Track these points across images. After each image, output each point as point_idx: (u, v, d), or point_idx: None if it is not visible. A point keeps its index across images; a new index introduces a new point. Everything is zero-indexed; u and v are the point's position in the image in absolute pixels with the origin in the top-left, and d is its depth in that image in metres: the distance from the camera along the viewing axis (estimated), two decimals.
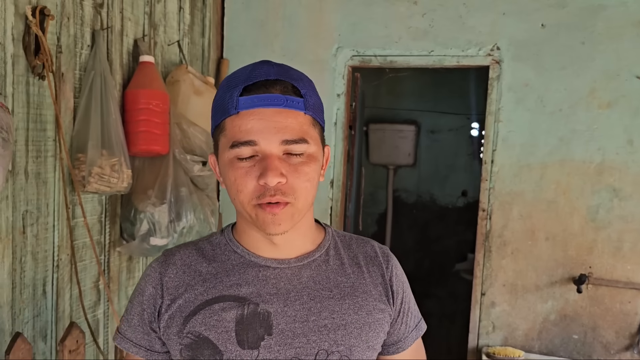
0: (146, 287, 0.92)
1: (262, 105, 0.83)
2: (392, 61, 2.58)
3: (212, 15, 2.66)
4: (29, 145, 1.58)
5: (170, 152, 2.02)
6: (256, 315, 0.87)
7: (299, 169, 0.84)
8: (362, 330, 0.91)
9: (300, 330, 0.87)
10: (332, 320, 0.89)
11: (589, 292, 2.39)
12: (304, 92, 0.86)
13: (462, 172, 4.34)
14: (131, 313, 0.94)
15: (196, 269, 0.91)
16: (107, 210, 1.96)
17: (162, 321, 0.90)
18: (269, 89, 0.83)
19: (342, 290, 0.92)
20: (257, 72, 0.85)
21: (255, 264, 0.91)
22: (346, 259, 0.96)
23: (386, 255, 1.00)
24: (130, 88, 1.96)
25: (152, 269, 0.93)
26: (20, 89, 1.54)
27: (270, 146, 0.83)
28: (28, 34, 1.54)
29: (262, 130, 0.82)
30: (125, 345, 0.94)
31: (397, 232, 4.45)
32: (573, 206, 2.40)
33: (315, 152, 0.87)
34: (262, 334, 0.86)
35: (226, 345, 0.86)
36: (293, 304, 0.89)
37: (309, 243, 0.95)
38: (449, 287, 4.39)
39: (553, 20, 2.38)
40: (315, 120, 0.88)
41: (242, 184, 0.84)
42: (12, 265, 1.54)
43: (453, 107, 4.26)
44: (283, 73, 0.86)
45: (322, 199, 2.69)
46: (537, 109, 2.42)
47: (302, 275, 0.91)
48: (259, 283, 0.89)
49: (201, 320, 0.87)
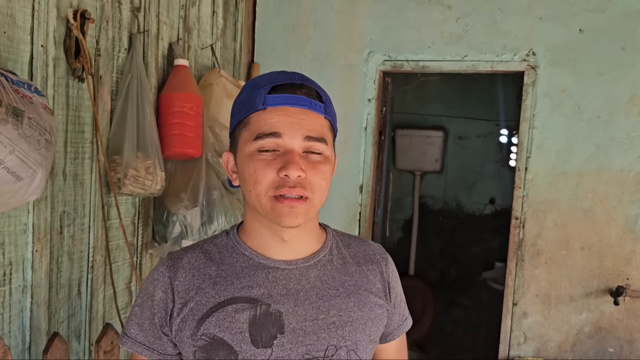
0: (155, 291, 0.94)
1: (289, 104, 0.88)
2: (424, 66, 2.55)
3: (244, 20, 2.67)
4: (68, 146, 1.60)
5: (203, 155, 2.03)
6: (268, 315, 0.90)
7: (317, 166, 0.89)
8: (366, 325, 0.96)
9: (310, 329, 0.91)
10: (340, 317, 0.94)
11: (626, 305, 2.32)
12: (324, 99, 0.93)
13: (490, 179, 4.27)
14: (141, 317, 0.95)
15: (205, 272, 0.94)
16: (140, 213, 1.97)
17: (174, 324, 0.92)
18: (295, 91, 0.90)
19: (347, 289, 0.97)
20: (282, 76, 0.92)
21: (264, 266, 0.94)
22: (348, 257, 1.01)
23: (383, 254, 1.07)
24: (164, 91, 1.98)
25: (159, 273, 0.95)
26: (60, 91, 1.56)
27: (293, 140, 0.87)
28: (69, 37, 1.56)
29: (286, 124, 0.87)
30: (138, 349, 0.95)
31: (423, 239, 4.40)
32: (610, 216, 2.34)
33: (331, 155, 0.93)
34: (275, 333, 0.90)
35: (241, 346, 0.88)
36: (303, 303, 0.92)
37: (315, 242, 0.99)
38: (475, 295, 4.32)
39: (592, 25, 2.32)
40: (332, 127, 0.95)
41: (262, 174, 0.87)
42: (49, 266, 1.55)
43: (481, 113, 4.21)
44: (306, 80, 0.93)
45: (351, 205, 2.67)
46: (574, 116, 2.36)
47: (310, 275, 0.95)
48: (270, 284, 0.92)
49: (215, 322, 0.89)
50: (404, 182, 4.42)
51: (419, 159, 4.21)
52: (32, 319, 1.51)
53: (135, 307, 0.97)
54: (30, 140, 1.17)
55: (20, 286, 1.47)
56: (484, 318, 4.22)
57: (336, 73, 2.64)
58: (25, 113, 1.17)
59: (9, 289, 1.43)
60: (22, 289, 1.47)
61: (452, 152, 4.34)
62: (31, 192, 1.23)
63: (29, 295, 1.49)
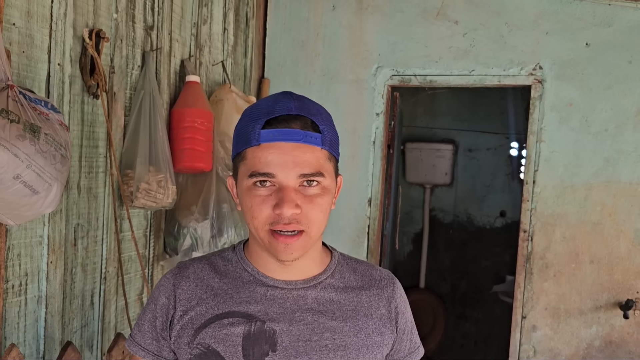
0: (160, 296, 0.98)
1: (282, 139, 0.87)
2: (432, 81, 2.59)
3: (255, 36, 2.73)
4: (82, 161, 1.65)
5: (214, 169, 2.07)
6: (262, 332, 0.91)
7: (314, 200, 0.89)
8: (360, 352, 0.95)
9: (302, 349, 0.92)
10: (333, 341, 0.93)
11: (636, 318, 2.31)
12: (322, 128, 0.90)
13: (500, 193, 4.27)
14: (142, 319, 1.00)
15: (208, 283, 0.96)
16: (152, 225, 2.01)
17: (173, 331, 0.95)
18: (289, 124, 0.88)
19: (344, 313, 0.96)
20: (279, 105, 0.90)
21: (264, 284, 0.96)
22: (350, 282, 1.00)
23: (392, 279, 1.05)
24: (176, 107, 2.03)
25: (166, 279, 0.99)
26: (76, 108, 1.61)
27: (287, 179, 0.87)
28: (85, 56, 1.61)
29: (280, 164, 0.87)
30: (134, 349, 0.99)
31: (433, 252, 4.39)
32: (619, 229, 2.33)
33: (329, 185, 0.92)
34: (267, 350, 0.91)
35: (232, 359, 0.90)
36: (298, 323, 0.93)
37: (317, 265, 0.99)
38: (486, 309, 4.29)
39: (598, 39, 2.34)
40: (331, 154, 0.93)
41: (258, 211, 0.89)
42: (63, 277, 1.59)
43: (491, 126, 4.22)
44: (303, 108, 0.91)
45: (359, 218, 2.69)
46: (581, 129, 2.37)
47: (308, 297, 0.96)
48: (267, 302, 0.94)
49: (211, 333, 0.92)
50: (414, 195, 4.43)
51: (429, 172, 4.23)
52: (47, 328, 1.55)
53: (142, 311, 1.02)
54: (46, 155, 1.22)
55: (36, 296, 1.51)
56: (495, 332, 4.19)
57: (345, 88, 2.68)
58: (42, 129, 1.22)
59: (25, 299, 1.47)
60: (37, 299, 1.52)
61: (462, 165, 4.35)
62: (47, 205, 1.27)
63: (44, 306, 1.53)
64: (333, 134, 0.94)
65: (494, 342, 4.20)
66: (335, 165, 0.96)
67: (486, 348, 4.29)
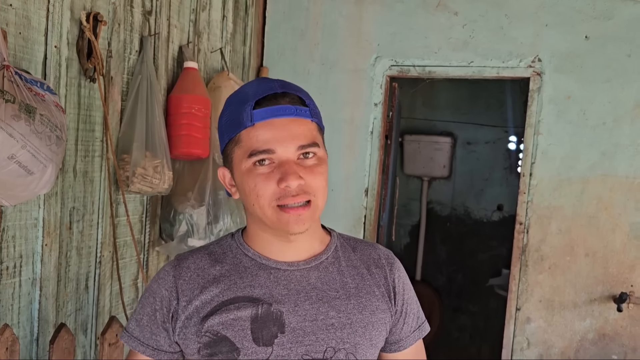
0: (159, 289, 0.97)
1: (276, 116, 0.90)
2: (430, 71, 2.58)
3: (254, 24, 2.72)
4: (79, 144, 1.65)
5: (210, 155, 2.07)
6: (270, 314, 0.92)
7: (314, 169, 0.91)
8: (367, 329, 0.96)
9: (310, 329, 0.93)
10: (339, 319, 0.95)
11: (630, 312, 2.32)
12: (308, 102, 0.94)
13: (498, 186, 4.27)
14: (140, 313, 0.98)
15: (209, 272, 0.96)
16: (148, 211, 2.02)
17: (178, 321, 0.94)
18: (278, 101, 0.90)
19: (348, 291, 0.97)
20: (262, 87, 0.92)
21: (266, 267, 0.96)
22: (351, 261, 1.02)
23: (390, 258, 1.06)
24: (174, 93, 2.02)
25: (165, 272, 0.98)
26: (72, 91, 1.61)
27: (287, 153, 0.89)
28: (82, 39, 1.61)
29: (278, 139, 0.89)
30: (133, 344, 0.98)
31: (430, 244, 4.40)
32: (615, 222, 2.34)
33: (324, 155, 0.95)
34: (276, 332, 0.92)
35: (243, 343, 0.91)
36: (303, 303, 0.94)
37: (317, 244, 1.00)
38: (482, 302, 4.31)
39: (598, 32, 2.34)
40: (319, 127, 0.96)
41: (263, 188, 0.89)
42: (58, 259, 1.60)
43: (490, 119, 4.21)
44: (286, 85, 0.94)
45: (356, 207, 2.69)
46: (579, 122, 2.37)
47: (311, 277, 0.97)
48: (271, 284, 0.95)
49: (218, 319, 0.92)
50: (411, 188, 4.43)
51: (426, 164, 4.23)
52: (41, 311, 1.55)
53: (138, 305, 1.01)
54: (41, 136, 1.22)
55: (30, 278, 1.52)
56: (490, 325, 4.20)
57: (344, 77, 2.68)
58: (37, 110, 1.22)
59: (19, 280, 1.48)
60: (31, 281, 1.52)
61: (460, 158, 4.34)
62: (42, 186, 1.27)
63: (38, 288, 1.54)
64: (317, 108, 0.97)
65: (489, 335, 4.21)
66: (323, 137, 0.98)
67: (481, 341, 4.31)
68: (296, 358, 0.91)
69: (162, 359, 0.97)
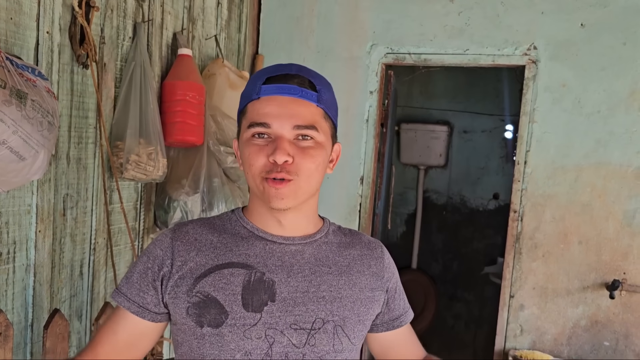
0: (154, 249, 0.99)
1: (280, 93, 0.94)
2: (426, 59, 2.57)
3: (249, 11, 2.71)
4: (72, 131, 1.65)
5: (205, 143, 2.07)
6: (262, 282, 0.95)
7: (306, 151, 0.93)
8: (355, 304, 1.00)
9: (300, 300, 0.96)
10: (330, 292, 0.98)
11: (622, 299, 2.34)
12: (318, 88, 0.96)
13: (494, 175, 4.28)
14: (132, 271, 1.00)
15: (207, 237, 0.99)
16: (143, 198, 2.02)
17: (171, 280, 0.96)
18: (287, 81, 0.95)
19: (340, 268, 1.02)
20: (281, 67, 0.98)
21: (262, 239, 1.00)
22: (344, 243, 1.06)
23: (379, 246, 1.11)
24: (168, 79, 2.02)
25: (164, 235, 1.00)
26: (65, 77, 1.60)
27: (282, 129, 0.93)
28: (74, 25, 1.60)
29: (276, 115, 0.93)
30: (119, 299, 0.98)
31: (426, 233, 4.42)
32: (609, 210, 2.35)
33: (324, 142, 0.96)
34: (266, 299, 0.94)
35: (232, 307, 0.93)
36: (296, 275, 0.97)
37: (312, 226, 1.04)
38: (478, 290, 4.34)
39: (593, 20, 2.33)
40: (327, 115, 0.98)
41: (255, 158, 0.93)
42: (52, 246, 1.60)
43: (487, 108, 4.21)
44: (303, 70, 0.98)
45: (351, 196, 2.70)
46: (574, 110, 2.38)
47: (305, 252, 1.00)
48: (266, 254, 0.98)
49: (211, 282, 0.94)
50: (408, 177, 4.44)
51: (423, 153, 4.23)
52: (35, 297, 1.56)
53: (132, 265, 1.02)
54: (33, 121, 1.22)
55: (24, 265, 1.52)
56: (485, 313, 4.24)
57: (339, 65, 2.67)
58: (29, 95, 1.22)
59: (13, 266, 1.48)
60: (25, 267, 1.52)
61: (456, 147, 4.35)
62: (34, 172, 1.27)
63: (32, 274, 1.54)
64: (331, 97, 0.99)
65: (484, 323, 4.25)
66: (332, 129, 1.00)
67: (476, 328, 4.34)
68: (284, 326, 0.94)
69: (145, 318, 0.97)
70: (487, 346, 3.82)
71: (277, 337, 0.93)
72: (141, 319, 0.98)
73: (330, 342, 0.96)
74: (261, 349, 0.92)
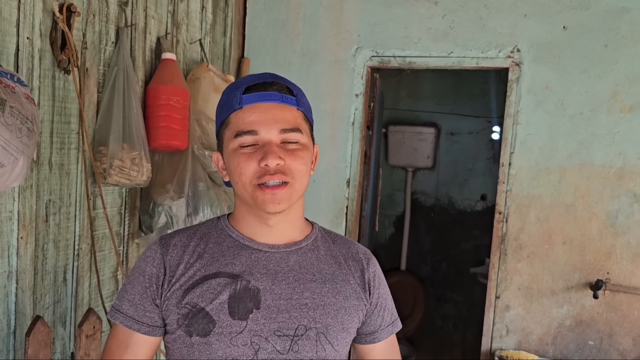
0: (147, 267, 1.00)
1: (262, 101, 0.97)
2: (411, 62, 2.59)
3: (234, 15, 2.71)
4: (54, 137, 1.64)
5: (189, 147, 2.07)
6: (247, 290, 0.97)
7: (295, 153, 0.97)
8: (339, 312, 1.01)
9: (284, 307, 0.98)
10: (313, 300, 1.00)
11: (605, 298, 2.36)
12: (295, 93, 1.01)
13: (481, 176, 4.31)
14: (132, 293, 1.01)
15: (194, 249, 1.01)
16: (127, 203, 2.01)
17: (164, 294, 0.98)
18: (267, 88, 0.98)
19: (324, 276, 1.03)
20: (256, 77, 1.01)
21: (248, 247, 1.01)
22: (330, 251, 1.07)
23: (367, 255, 1.12)
24: (151, 84, 2.01)
25: (152, 251, 1.02)
26: (46, 83, 1.59)
27: (269, 134, 0.96)
28: (55, 30, 1.59)
29: (262, 121, 0.96)
30: (128, 323, 1.00)
31: (414, 234, 4.44)
32: (592, 211, 2.37)
33: (308, 143, 1.00)
34: (251, 307, 0.97)
35: (219, 315, 0.95)
36: (280, 283, 0.99)
37: (298, 232, 1.06)
38: (466, 291, 4.36)
39: (575, 22, 2.36)
40: (306, 117, 1.02)
41: (245, 166, 0.95)
42: (34, 252, 1.59)
43: (474, 109, 4.24)
44: (278, 78, 1.02)
45: (337, 198, 2.71)
46: (557, 112, 2.40)
47: (290, 260, 1.02)
48: (251, 263, 1.00)
49: (199, 293, 0.97)
50: (396, 179, 4.46)
51: (410, 155, 4.25)
52: (17, 304, 1.55)
53: (127, 285, 1.03)
54: (11, 128, 1.21)
55: (6, 272, 1.51)
56: (473, 313, 4.25)
57: (324, 68, 2.68)
58: (7, 102, 1.21)
59: None
60: (7, 274, 1.51)
61: (444, 149, 4.37)
62: (13, 179, 1.27)
63: (14, 281, 1.53)
64: (306, 101, 1.04)
65: (472, 323, 4.26)
66: (311, 130, 1.04)
67: (465, 329, 4.36)
68: (268, 333, 0.96)
69: (157, 335, 1.01)
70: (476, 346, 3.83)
71: (262, 344, 0.95)
72: (153, 337, 1.01)
73: (313, 348, 0.98)
74: (247, 355, 0.95)
